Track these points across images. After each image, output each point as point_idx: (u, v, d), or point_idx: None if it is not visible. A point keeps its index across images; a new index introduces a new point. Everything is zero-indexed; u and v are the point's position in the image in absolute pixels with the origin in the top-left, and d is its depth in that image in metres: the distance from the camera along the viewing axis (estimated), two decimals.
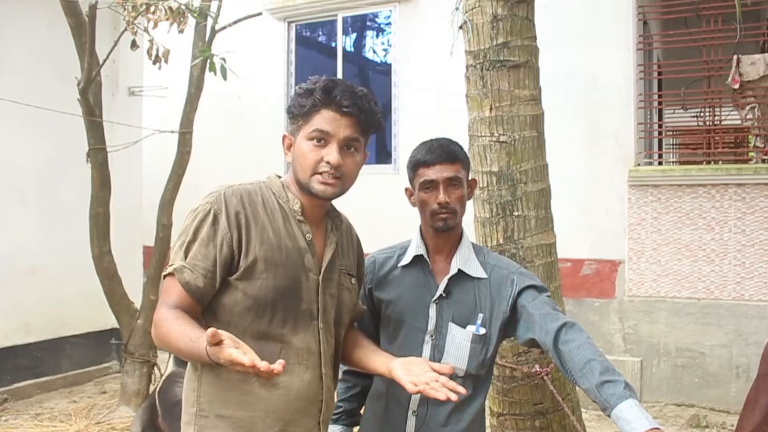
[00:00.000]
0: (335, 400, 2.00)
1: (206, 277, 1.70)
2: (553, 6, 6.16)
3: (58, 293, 6.76)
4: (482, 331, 2.12)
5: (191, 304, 1.70)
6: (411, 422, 2.12)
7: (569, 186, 6.12)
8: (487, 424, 3.45)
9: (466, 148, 3.04)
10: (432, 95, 6.95)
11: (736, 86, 6.28)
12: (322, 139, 1.75)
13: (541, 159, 2.99)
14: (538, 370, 2.92)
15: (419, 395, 2.07)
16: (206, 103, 6.13)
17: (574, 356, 1.91)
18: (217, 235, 1.70)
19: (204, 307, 1.75)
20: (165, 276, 1.73)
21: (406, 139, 7.06)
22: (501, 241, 2.91)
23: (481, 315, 2.13)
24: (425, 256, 2.19)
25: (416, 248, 2.20)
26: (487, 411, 3.30)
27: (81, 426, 5.51)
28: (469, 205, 3.04)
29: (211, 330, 1.43)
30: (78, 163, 5.82)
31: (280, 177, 1.91)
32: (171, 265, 1.71)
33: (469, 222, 3.06)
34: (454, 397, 1.73)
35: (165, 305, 1.69)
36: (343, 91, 1.75)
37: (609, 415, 1.79)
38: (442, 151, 2.14)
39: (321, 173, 1.76)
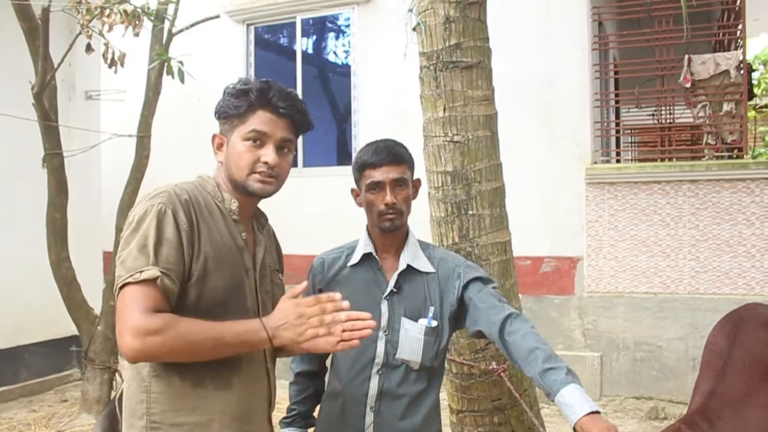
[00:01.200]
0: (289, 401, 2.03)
1: (179, 280, 1.66)
2: (509, 7, 6.24)
3: (16, 300, 6.62)
4: (434, 323, 2.18)
5: (167, 310, 1.63)
6: (369, 417, 2.16)
7: (528, 185, 6.21)
8: (447, 421, 3.48)
9: (421, 148, 3.09)
10: (391, 96, 6.99)
11: (688, 85, 6.43)
12: (258, 139, 1.79)
13: (494, 158, 3.03)
14: (495, 367, 2.95)
15: (376, 392, 2.14)
16: (165, 107, 6.08)
17: (519, 345, 2.00)
18: (181, 234, 1.67)
19: None
20: (132, 283, 1.60)
21: (366, 140, 7.00)
22: (456, 239, 2.94)
23: (432, 308, 2.20)
24: (374, 254, 2.24)
25: (365, 247, 2.26)
26: (447, 408, 3.34)
27: None
28: (425, 204, 3.09)
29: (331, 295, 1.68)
30: (34, 169, 5.72)
31: (210, 176, 1.90)
32: (140, 271, 1.60)
33: (425, 221, 3.10)
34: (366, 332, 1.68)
35: (146, 313, 1.58)
36: (279, 93, 1.80)
37: (553, 400, 1.88)
38: (388, 153, 2.20)
39: (258, 172, 1.79)
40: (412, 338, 2.16)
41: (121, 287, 1.61)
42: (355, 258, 2.26)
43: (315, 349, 1.67)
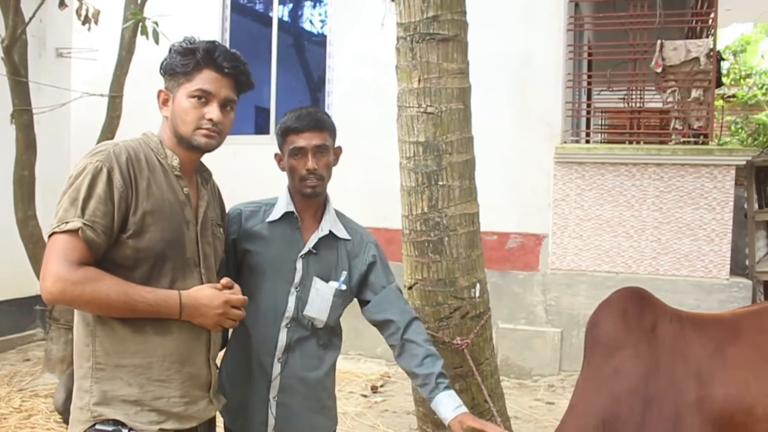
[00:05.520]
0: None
1: (105, 234, 1.77)
2: None
3: None
4: (344, 287, 2.32)
5: (91, 262, 1.76)
6: (276, 368, 2.27)
7: (498, 162, 6.28)
8: (409, 389, 3.56)
9: (394, 119, 3.12)
10: (366, 66, 6.99)
11: (659, 70, 6.53)
12: (203, 97, 1.91)
13: (466, 131, 3.07)
14: (458, 342, 3.04)
15: (284, 344, 2.27)
16: (139, 68, 6.02)
17: (420, 346, 2.30)
18: (114, 192, 1.77)
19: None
20: (58, 233, 1.74)
21: (339, 109, 7.08)
22: (426, 209, 2.99)
23: (344, 273, 2.34)
24: (296, 214, 2.33)
25: (286, 205, 2.34)
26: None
27: (2, 393, 5.41)
28: (396, 173, 3.13)
29: (226, 279, 1.91)
30: (2, 125, 5.65)
31: (155, 134, 1.99)
32: (66, 222, 1.73)
33: (396, 190, 3.15)
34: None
35: (68, 262, 1.71)
36: (224, 54, 1.93)
37: (432, 397, 2.22)
38: (311, 119, 2.28)
39: (203, 128, 1.91)
40: (322, 297, 2.29)
41: (50, 235, 1.76)
42: (275, 215, 2.33)
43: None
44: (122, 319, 1.82)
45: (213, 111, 1.91)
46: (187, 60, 1.90)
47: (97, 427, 1.81)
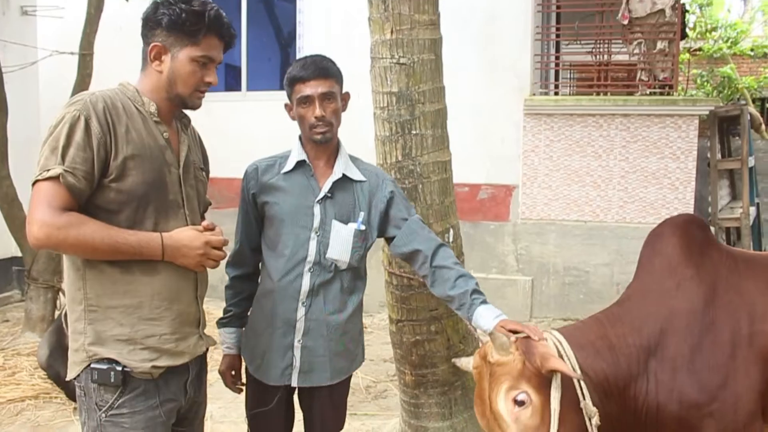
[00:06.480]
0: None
1: (86, 179, 1.83)
2: None
3: None
4: (363, 227, 2.39)
5: (74, 207, 1.83)
6: (300, 311, 2.36)
7: (469, 115, 6.36)
8: (386, 331, 3.68)
9: (366, 73, 3.19)
10: (336, 21, 7.00)
11: (626, 22, 6.63)
12: (206, 63, 2.00)
13: (438, 81, 3.16)
14: None
15: (308, 288, 2.35)
16: (108, 24, 5.97)
17: (451, 269, 2.33)
18: (92, 139, 1.82)
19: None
20: (41, 180, 1.80)
21: None
22: (400, 158, 3.09)
23: (362, 213, 2.41)
24: (308, 162, 2.40)
25: (298, 155, 2.41)
26: (387, 319, 3.54)
27: None
28: (370, 123, 3.22)
29: (207, 221, 2.00)
30: None
31: (131, 83, 2.03)
32: (47, 169, 1.79)
33: (370, 139, 3.24)
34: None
35: (52, 208, 1.78)
36: (227, 23, 2.02)
37: (471, 315, 2.24)
38: (316, 67, 2.34)
39: (200, 91, 2.02)
40: (343, 239, 2.36)
41: (34, 183, 1.82)
42: (289, 165, 2.40)
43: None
44: (110, 262, 1.88)
45: (213, 75, 2.01)
46: (199, 25, 1.95)
47: (93, 366, 1.90)
